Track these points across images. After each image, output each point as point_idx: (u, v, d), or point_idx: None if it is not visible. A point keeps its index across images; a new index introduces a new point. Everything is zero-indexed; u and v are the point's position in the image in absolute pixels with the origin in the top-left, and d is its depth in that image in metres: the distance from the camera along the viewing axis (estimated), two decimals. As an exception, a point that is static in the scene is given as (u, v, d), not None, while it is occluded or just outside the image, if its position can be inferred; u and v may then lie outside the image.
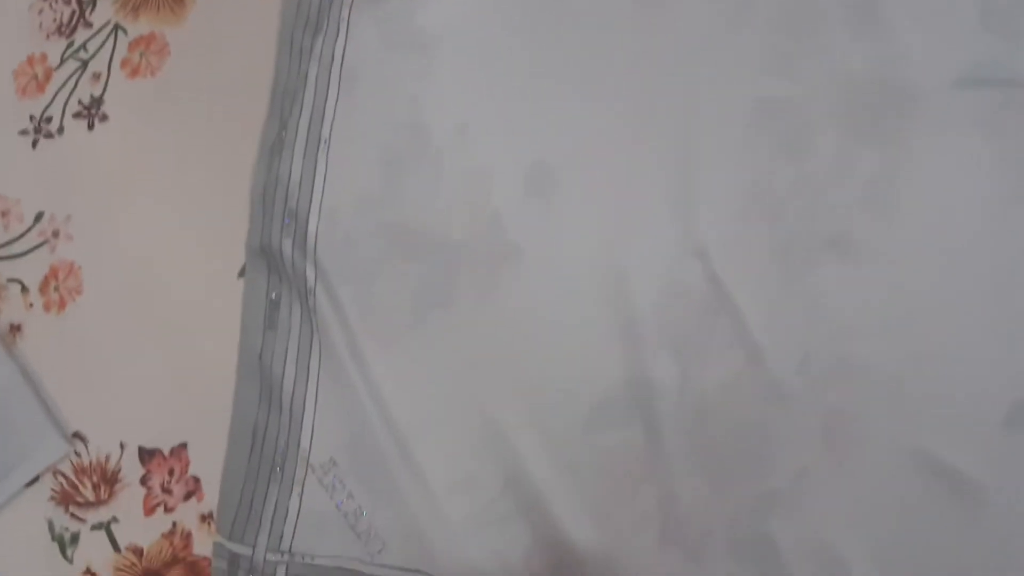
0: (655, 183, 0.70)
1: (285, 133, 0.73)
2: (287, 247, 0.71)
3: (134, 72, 0.80)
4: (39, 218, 0.78)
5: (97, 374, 0.73)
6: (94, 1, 0.83)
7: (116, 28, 0.82)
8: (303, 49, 0.75)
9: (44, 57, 0.82)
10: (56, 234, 0.77)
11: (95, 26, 0.82)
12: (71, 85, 0.81)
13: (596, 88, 0.73)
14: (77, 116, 0.80)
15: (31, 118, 0.81)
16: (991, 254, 0.65)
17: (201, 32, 0.79)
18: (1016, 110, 0.67)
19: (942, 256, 0.66)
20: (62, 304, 0.75)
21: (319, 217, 0.71)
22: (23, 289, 0.77)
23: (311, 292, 0.70)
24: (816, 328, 0.66)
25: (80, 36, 0.82)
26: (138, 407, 0.72)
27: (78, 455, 0.72)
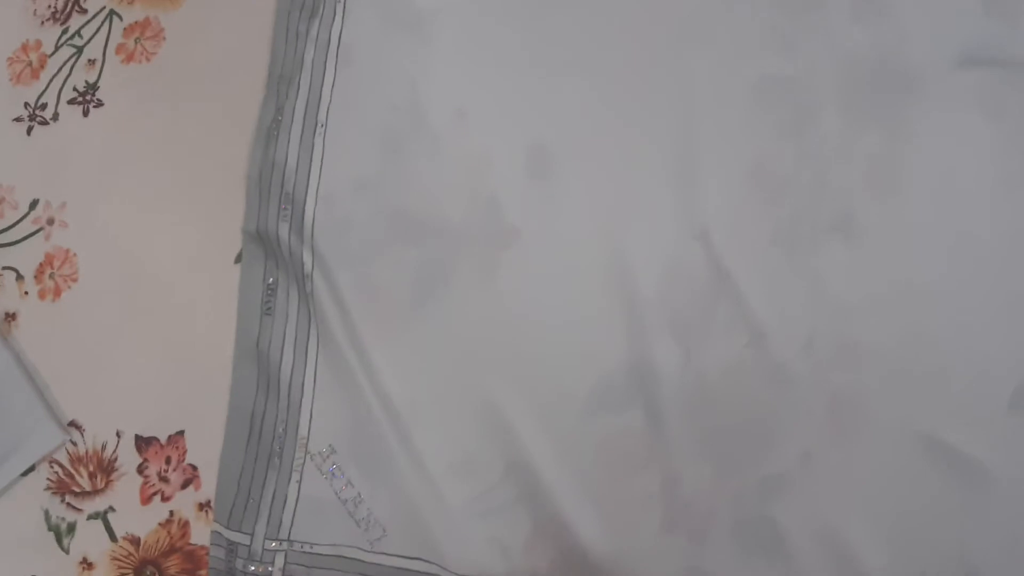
0: (655, 164, 0.69)
1: (281, 117, 0.72)
2: (284, 232, 0.69)
3: (129, 58, 0.78)
4: (34, 205, 0.77)
5: (93, 362, 0.72)
6: (89, -13, 0.81)
7: (111, 14, 0.80)
8: (299, 33, 0.74)
9: (39, 44, 0.81)
10: (51, 221, 0.76)
11: (90, 12, 0.80)
12: (66, 72, 0.79)
13: (594, 70, 0.71)
14: (72, 103, 0.79)
15: (26, 105, 0.79)
16: (994, 236, 0.64)
17: (196, 17, 0.78)
18: (1017, 91, 0.66)
19: (945, 238, 0.65)
20: (57, 292, 0.74)
21: (316, 201, 0.69)
22: (18, 277, 0.75)
23: (308, 277, 0.68)
24: (819, 310, 0.65)
25: (75, 22, 0.80)
26: (134, 395, 0.70)
27: (74, 444, 0.71)
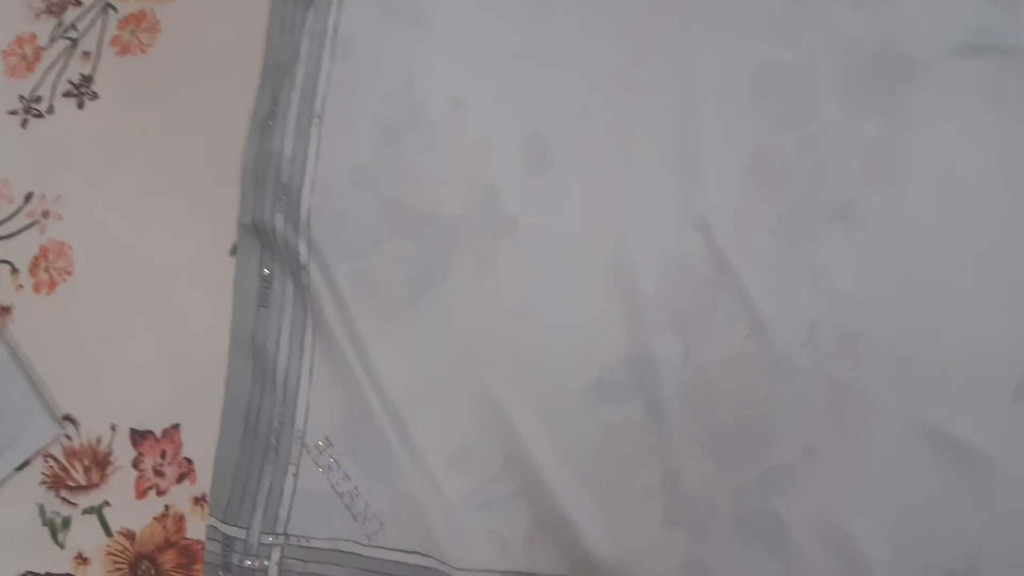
0: (654, 155, 0.67)
1: (277, 108, 0.70)
2: (279, 223, 0.68)
3: (124, 50, 0.77)
4: (29, 198, 0.75)
5: (88, 355, 0.70)
6: (84, -20, 0.80)
7: (106, 6, 0.78)
8: (295, 23, 0.72)
9: (33, 37, 0.79)
10: (46, 214, 0.74)
11: (84, 4, 0.79)
12: (61, 64, 0.78)
13: (593, 61, 0.70)
14: (67, 95, 0.77)
15: (21, 98, 0.78)
16: (996, 226, 0.63)
17: (191, 9, 0.76)
18: (1017, 79, 0.65)
19: (947, 227, 0.63)
20: (52, 285, 0.73)
21: (312, 192, 0.68)
22: (13, 270, 0.74)
23: (304, 269, 0.67)
24: (821, 301, 0.63)
25: (70, 15, 0.79)
26: (129, 388, 0.69)
27: (69, 438, 0.69)
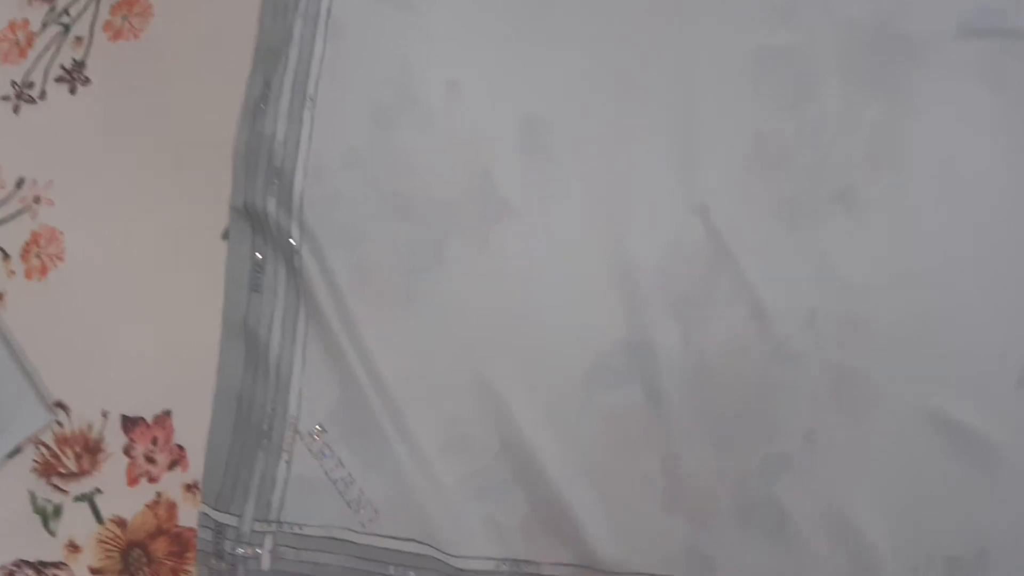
0: (653, 138, 0.65)
1: (269, 90, 0.68)
2: (271, 206, 0.66)
3: (116, 35, 0.75)
4: (20, 184, 0.73)
5: (79, 341, 0.69)
6: (76, -35, 0.78)
7: (99, -9, 0.77)
8: (288, 6, 0.70)
9: (26, 23, 0.78)
10: (38, 200, 0.73)
11: (77, -11, 0.78)
12: (53, 50, 0.76)
13: (590, 44, 0.67)
14: (59, 81, 0.75)
15: (13, 84, 0.76)
16: (999, 211, 0.61)
17: (184, -8, 0.75)
18: (1018, 61, 0.63)
19: (949, 212, 0.61)
20: (43, 271, 0.71)
21: (305, 176, 0.66)
22: (4, 256, 0.72)
23: (296, 252, 0.65)
24: (822, 284, 0.61)
25: (62, 1, 0.77)
26: (121, 374, 0.67)
27: (60, 425, 0.68)
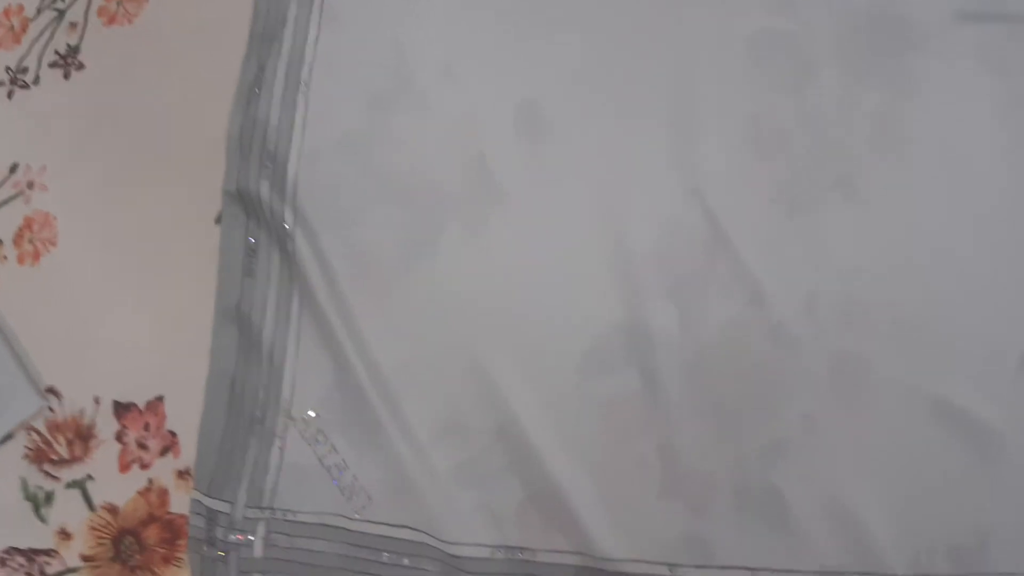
0: (649, 121, 0.64)
1: (263, 74, 0.67)
2: (264, 190, 0.64)
3: (111, 20, 0.74)
4: (14, 169, 0.72)
5: (71, 327, 0.67)
6: (71, -49, 0.77)
7: (93, -24, 0.76)
8: (282, -11, 0.69)
9: (20, 8, 0.76)
10: (31, 185, 0.71)
11: (72, -25, 0.76)
12: (47, 35, 0.75)
13: (587, 26, 0.66)
14: (53, 66, 0.74)
15: (7, 69, 0.75)
16: (1000, 196, 0.60)
17: (179, -23, 0.74)
18: (1019, 46, 0.61)
19: (950, 197, 0.60)
20: (36, 256, 0.70)
21: (299, 160, 0.64)
22: (-3, 242, 0.71)
23: (290, 237, 0.64)
24: (820, 269, 0.60)
25: (57, -14, 0.77)
26: (113, 360, 0.66)
27: (52, 411, 0.66)
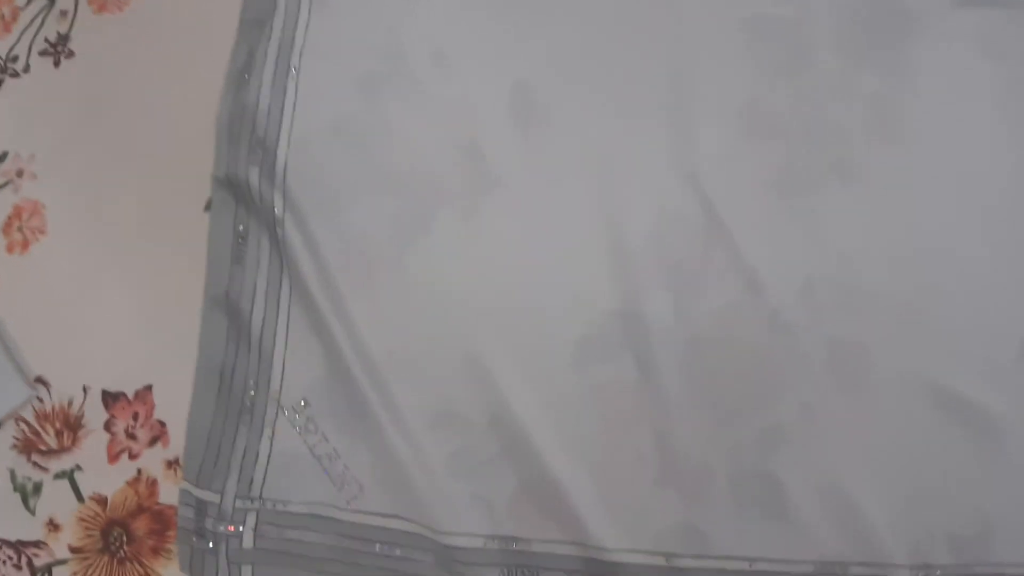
0: (644, 106, 0.63)
1: (253, 60, 0.65)
2: (253, 176, 0.63)
3: (101, 8, 0.73)
4: (3, 158, 0.71)
5: (60, 316, 0.66)
6: (62, -61, 0.76)
7: (84, -35, 0.75)
8: (273, -25, 0.68)
9: (11, -3, 0.76)
10: (20, 174, 0.70)
11: (62, -37, 0.75)
12: (38, 23, 0.74)
13: (580, 9, 0.65)
14: (43, 54, 0.73)
15: (-2, 58, 0.74)
16: (1000, 182, 0.59)
17: (169, -36, 0.72)
18: (1019, 31, 0.61)
19: (949, 182, 0.59)
20: (25, 245, 0.68)
21: (288, 146, 0.63)
22: (-14, 231, 0.70)
23: (279, 223, 0.62)
24: (817, 254, 0.59)
25: (48, -25, 0.75)
26: (102, 349, 0.65)
27: (40, 401, 0.65)
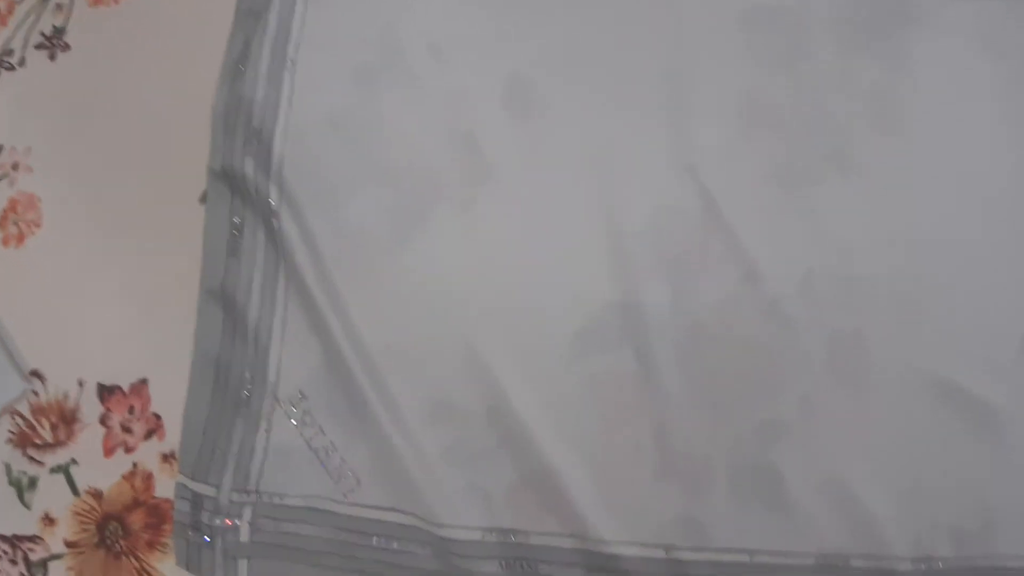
0: (642, 97, 0.62)
1: (248, 52, 0.64)
2: (249, 167, 0.62)
3: (97, 1, 0.72)
4: (-1, 151, 0.71)
5: (55, 309, 0.65)
6: (58, -68, 0.75)
7: (80, -43, 0.74)
8: (269, -34, 0.67)
9: (7, -9, 0.75)
10: (16, 167, 0.69)
11: (58, -44, 0.74)
12: (34, 17, 0.73)
13: (576, 1, 0.64)
14: (39, 48, 0.72)
15: (-7, 52, 0.74)
16: (1000, 174, 0.58)
17: (165, -44, 0.71)
18: (1019, 23, 0.60)
19: (949, 175, 0.58)
20: (20, 238, 0.68)
21: (284, 138, 0.62)
22: (-19, 224, 0.69)
23: (275, 215, 0.61)
24: (817, 245, 0.58)
25: (43, -32, 0.75)
26: (97, 342, 0.64)
27: (36, 394, 0.64)
